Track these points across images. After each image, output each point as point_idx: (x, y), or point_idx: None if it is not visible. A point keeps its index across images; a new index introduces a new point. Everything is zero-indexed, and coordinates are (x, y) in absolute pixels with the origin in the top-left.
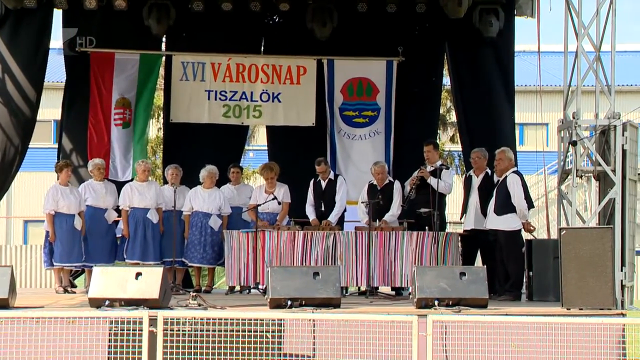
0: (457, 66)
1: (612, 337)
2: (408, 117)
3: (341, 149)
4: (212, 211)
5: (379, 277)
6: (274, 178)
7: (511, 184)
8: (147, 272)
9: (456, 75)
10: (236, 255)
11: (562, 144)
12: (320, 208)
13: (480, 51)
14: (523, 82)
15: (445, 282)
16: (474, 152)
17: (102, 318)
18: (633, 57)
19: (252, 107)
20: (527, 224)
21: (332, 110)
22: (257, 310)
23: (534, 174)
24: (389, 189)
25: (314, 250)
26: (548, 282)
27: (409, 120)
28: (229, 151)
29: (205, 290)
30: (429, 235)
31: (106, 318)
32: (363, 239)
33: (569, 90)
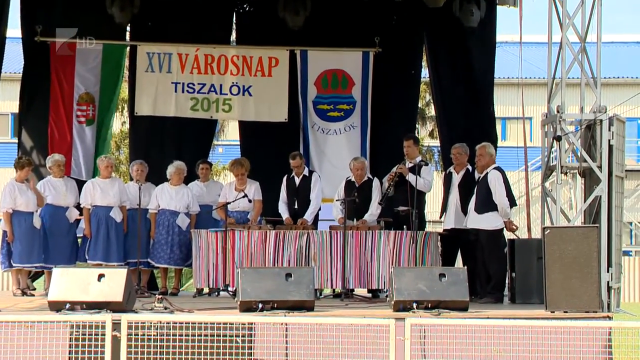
0: (436, 57)
1: (598, 341)
2: (385, 110)
3: (315, 144)
4: (179, 209)
5: (355, 279)
6: (245, 174)
7: (492, 180)
8: (110, 273)
9: (435, 67)
10: (204, 255)
11: (546, 139)
12: (293, 206)
13: (460, 42)
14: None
15: (424, 283)
16: (454, 147)
17: (63, 322)
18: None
19: (221, 101)
20: (509, 222)
21: (306, 103)
22: (226, 314)
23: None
24: (367, 186)
25: (286, 250)
26: (531, 283)
27: (386, 114)
28: (197, 146)
29: (172, 293)
30: (407, 234)
31: (67, 322)
32: (338, 238)
33: (553, 82)
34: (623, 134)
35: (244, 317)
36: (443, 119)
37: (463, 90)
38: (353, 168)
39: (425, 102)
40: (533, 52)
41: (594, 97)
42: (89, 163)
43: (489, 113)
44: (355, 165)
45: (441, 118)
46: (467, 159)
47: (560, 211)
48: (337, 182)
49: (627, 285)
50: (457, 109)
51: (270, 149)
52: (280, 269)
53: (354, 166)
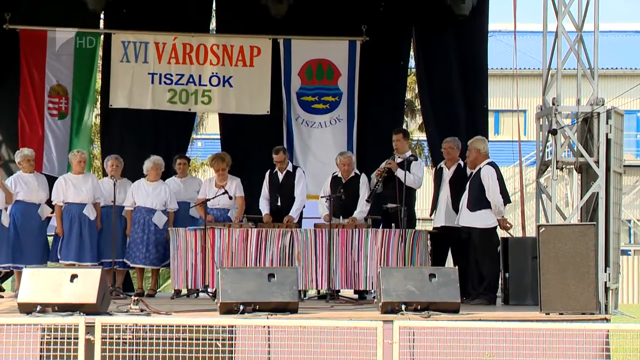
0: (425, 47)
1: (595, 345)
2: (373, 103)
3: (299, 138)
4: (156, 206)
5: (341, 279)
6: (226, 170)
7: (485, 176)
8: (84, 274)
9: (423, 57)
10: (183, 255)
11: (541, 132)
12: (276, 203)
13: (451, 30)
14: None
15: (413, 284)
16: (445, 141)
17: (34, 325)
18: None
19: (200, 92)
20: (502, 220)
21: (289, 95)
22: (206, 316)
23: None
24: (354, 182)
25: (268, 249)
26: (525, 284)
27: (373, 106)
28: (174, 140)
29: (149, 294)
30: (396, 233)
31: (38, 325)
32: (323, 237)
33: (549, 73)
34: (621, 128)
35: (225, 320)
36: (430, 112)
37: (453, 81)
38: (339, 163)
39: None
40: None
41: (591, 88)
42: (62, 159)
43: (481, 105)
44: (342, 161)
45: (428, 111)
46: (459, 154)
47: (555, 208)
48: (323, 177)
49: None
50: (447, 101)
51: (252, 143)
52: (263, 269)
53: (340, 161)
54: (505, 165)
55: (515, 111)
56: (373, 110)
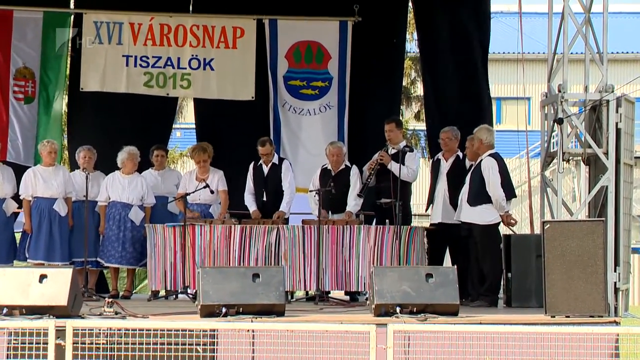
0: (424, 29)
1: (604, 349)
2: (366, 89)
3: (286, 125)
4: (132, 201)
5: (331, 280)
6: (207, 162)
7: (486, 169)
8: (54, 274)
9: (423, 40)
10: (161, 253)
11: (546, 122)
12: (261, 198)
13: (450, 10)
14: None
15: (408, 285)
16: (443, 131)
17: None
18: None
19: (179, 76)
20: (506, 216)
21: (275, 79)
22: (185, 319)
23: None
24: (345, 175)
25: (253, 247)
26: (529, 284)
27: (366, 92)
28: (152, 129)
29: (124, 296)
30: (390, 230)
31: (4, 329)
32: (311, 234)
33: (554, 58)
34: (632, 116)
35: (206, 323)
36: (431, 99)
37: (454, 66)
38: (328, 153)
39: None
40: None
41: (599, 74)
42: (28, 146)
43: (483, 92)
44: (331, 150)
45: (429, 97)
46: (457, 145)
47: (561, 203)
48: (312, 169)
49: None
50: (447, 87)
51: (233, 132)
52: (247, 269)
53: (329, 151)
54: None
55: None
56: (366, 97)
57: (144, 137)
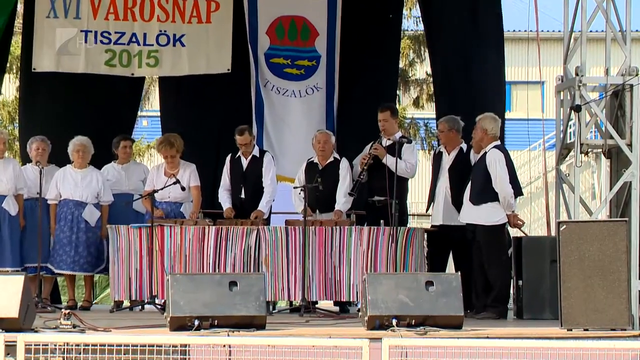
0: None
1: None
2: (358, 70)
3: (270, 107)
4: (87, 199)
5: (318, 288)
6: (176, 157)
7: (492, 162)
8: (3, 281)
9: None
10: (125, 258)
11: (562, 109)
12: (239, 195)
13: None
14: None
15: (406, 294)
16: (439, 122)
17: None
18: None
19: (145, 53)
20: (513, 216)
21: (256, 56)
22: (153, 333)
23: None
24: (333, 169)
25: (230, 251)
26: (543, 294)
27: (358, 75)
28: (115, 116)
29: (83, 307)
30: (385, 231)
31: None
32: (296, 236)
33: (571, 37)
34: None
35: (176, 338)
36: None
37: (465, 45)
38: (315, 141)
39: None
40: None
41: (622, 55)
42: None
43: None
44: (319, 137)
45: (439, 82)
46: (459, 136)
47: (579, 201)
48: (299, 156)
49: None
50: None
51: (207, 118)
52: (223, 276)
53: (316, 138)
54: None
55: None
56: (358, 80)
57: (106, 126)
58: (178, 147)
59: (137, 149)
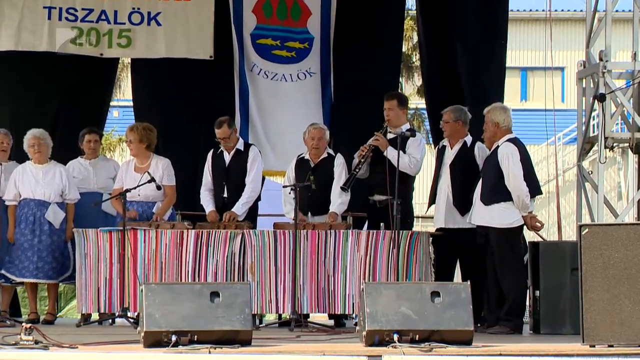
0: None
1: None
2: (355, 54)
3: (256, 94)
4: (50, 198)
5: (310, 300)
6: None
7: (505, 157)
8: None
9: None
10: (93, 266)
11: (584, 98)
12: (222, 194)
13: None
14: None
15: (409, 306)
16: (444, 112)
17: None
18: None
19: (116, 32)
20: (530, 218)
21: (241, 37)
22: (125, 350)
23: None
24: (327, 166)
25: (211, 258)
26: (562, 305)
27: (356, 59)
28: (82, 104)
29: (46, 320)
30: (386, 235)
31: None
32: (286, 241)
33: (594, 17)
34: None
35: (151, 355)
36: (433, 69)
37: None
38: (308, 137)
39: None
40: None
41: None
42: None
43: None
44: (312, 133)
45: (429, 67)
46: (466, 129)
47: (603, 202)
48: (290, 150)
49: None
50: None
51: (186, 107)
52: (203, 286)
53: (309, 134)
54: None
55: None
56: (356, 65)
57: (71, 116)
58: (141, 135)
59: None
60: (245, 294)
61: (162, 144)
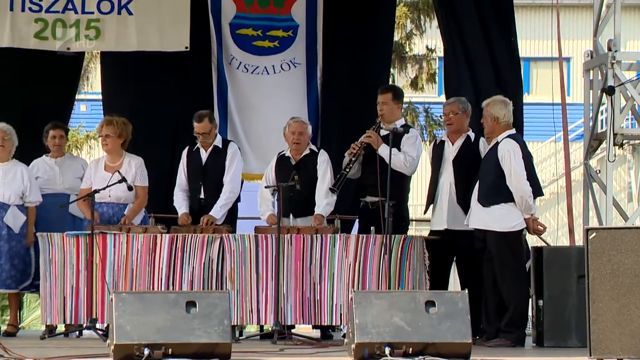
0: None
1: None
2: (343, 44)
3: (235, 90)
4: (9, 200)
5: (295, 310)
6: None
7: (505, 155)
8: None
9: None
10: (58, 273)
11: (591, 91)
12: (198, 195)
13: None
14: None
15: (402, 316)
16: (446, 103)
17: None
18: None
19: (84, 23)
20: (532, 220)
21: (219, 27)
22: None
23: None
24: (310, 163)
25: (187, 265)
26: (568, 316)
27: (344, 49)
28: (47, 99)
29: (7, 333)
30: (377, 240)
31: None
32: (268, 246)
33: (602, 3)
34: None
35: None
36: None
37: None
38: (288, 131)
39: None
40: None
41: None
42: None
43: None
44: (292, 127)
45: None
46: (467, 122)
47: (612, 203)
48: (273, 150)
49: None
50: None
51: (159, 102)
52: (178, 295)
53: (290, 128)
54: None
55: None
56: (344, 56)
57: (35, 111)
58: (120, 130)
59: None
60: (223, 303)
61: (135, 142)
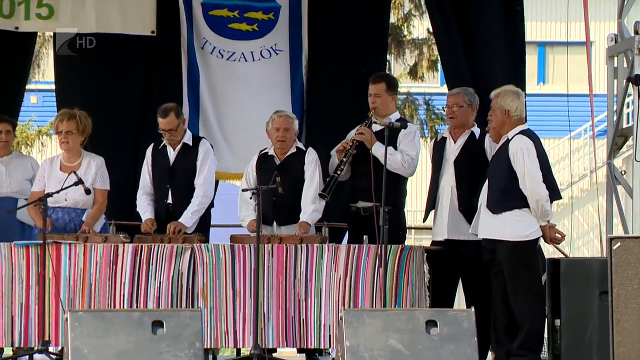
0: None
1: None
2: (332, 28)
3: (208, 77)
4: None
5: (277, 331)
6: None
7: (517, 154)
8: None
9: None
10: (5, 289)
11: (615, 80)
12: (164, 199)
13: None
14: None
15: (399, 338)
16: (450, 94)
17: None
18: None
19: (34, 1)
20: (549, 228)
21: (190, 6)
22: None
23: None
24: (296, 163)
25: (153, 279)
26: (589, 337)
27: (333, 34)
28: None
29: None
30: (371, 251)
31: None
32: (246, 258)
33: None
34: None
35: None
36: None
37: None
38: (272, 127)
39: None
40: None
41: None
42: None
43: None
44: (276, 123)
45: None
46: (473, 117)
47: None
48: (251, 146)
49: None
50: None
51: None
52: (143, 313)
53: (273, 124)
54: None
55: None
56: (332, 42)
57: None
58: (82, 126)
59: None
60: (195, 323)
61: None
